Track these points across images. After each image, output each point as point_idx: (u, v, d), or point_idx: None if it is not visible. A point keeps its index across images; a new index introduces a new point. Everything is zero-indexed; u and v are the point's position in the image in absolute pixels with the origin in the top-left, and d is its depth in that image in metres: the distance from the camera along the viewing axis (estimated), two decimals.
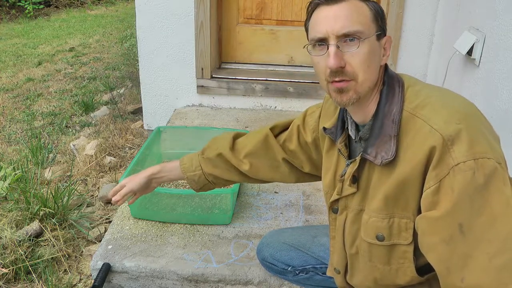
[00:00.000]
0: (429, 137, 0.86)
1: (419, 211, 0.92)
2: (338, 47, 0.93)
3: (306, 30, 1.02)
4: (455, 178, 0.83)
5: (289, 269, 1.36)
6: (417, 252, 0.97)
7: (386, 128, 0.94)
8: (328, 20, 0.93)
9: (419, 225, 0.91)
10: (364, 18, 0.94)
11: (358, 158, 1.00)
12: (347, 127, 1.07)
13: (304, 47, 1.01)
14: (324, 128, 1.13)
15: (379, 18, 0.97)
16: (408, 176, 0.90)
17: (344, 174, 1.05)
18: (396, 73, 1.02)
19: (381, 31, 0.97)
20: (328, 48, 0.93)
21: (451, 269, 0.86)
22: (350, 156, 1.07)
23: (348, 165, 1.04)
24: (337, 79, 0.94)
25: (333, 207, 1.11)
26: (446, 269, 0.86)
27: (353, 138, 1.05)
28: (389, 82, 0.98)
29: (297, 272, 1.36)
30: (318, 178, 1.30)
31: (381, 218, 0.97)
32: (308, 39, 1.00)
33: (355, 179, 1.02)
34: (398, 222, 0.95)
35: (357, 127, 1.05)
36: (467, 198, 0.83)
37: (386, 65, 1.02)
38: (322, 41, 0.95)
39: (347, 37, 0.92)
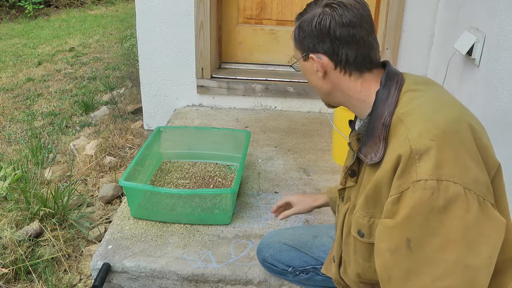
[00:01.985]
0: (402, 145, 0.86)
1: None
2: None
3: None
4: (413, 194, 0.82)
5: (289, 269, 1.36)
6: None
7: (377, 130, 0.96)
8: None
9: (377, 229, 0.92)
10: (292, 45, 1.09)
11: (355, 155, 1.04)
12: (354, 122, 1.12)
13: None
14: (350, 121, 1.17)
15: (300, 43, 1.05)
16: (381, 180, 0.91)
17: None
18: (399, 74, 1.01)
19: (305, 54, 1.05)
20: None
21: (392, 279, 0.87)
22: None
23: (352, 158, 1.08)
24: None
25: (341, 196, 1.14)
26: (388, 278, 0.88)
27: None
28: (386, 83, 0.98)
29: (297, 273, 1.36)
30: None
31: (362, 215, 0.99)
32: None
33: (354, 173, 1.05)
34: (377, 222, 0.96)
35: None
36: (421, 217, 0.82)
37: (386, 64, 1.03)
38: None
39: None
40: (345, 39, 0.98)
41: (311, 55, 1.03)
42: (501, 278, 0.92)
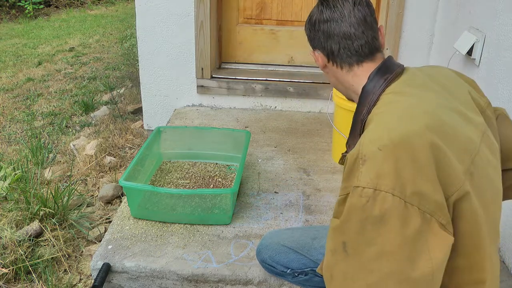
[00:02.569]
0: (355, 147, 0.87)
1: None
2: None
3: None
4: (352, 199, 0.83)
5: (288, 271, 1.36)
6: None
7: (357, 125, 1.02)
8: None
9: None
10: None
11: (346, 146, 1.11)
12: None
13: None
14: None
15: (308, 38, 1.14)
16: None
17: None
18: (394, 71, 1.01)
19: (312, 48, 1.14)
20: None
21: (333, 278, 0.88)
22: None
23: None
24: None
25: None
26: (330, 276, 0.89)
27: None
28: (373, 80, 1.02)
29: (296, 274, 1.36)
30: None
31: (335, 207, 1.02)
32: None
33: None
34: None
35: None
36: (356, 223, 0.82)
37: (387, 58, 1.05)
38: None
39: None
40: (327, 33, 1.05)
41: (312, 51, 1.12)
42: None
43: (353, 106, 1.97)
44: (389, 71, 1.01)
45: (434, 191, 0.82)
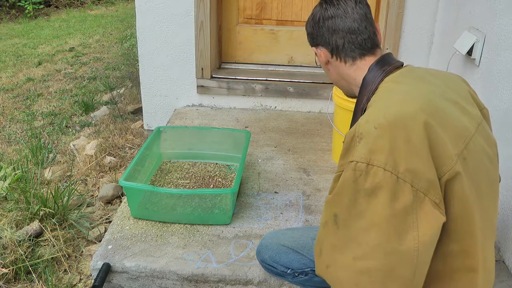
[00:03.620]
0: (352, 128, 0.92)
1: None
2: None
3: None
4: (345, 173, 0.87)
5: (288, 271, 1.36)
6: None
7: (357, 115, 1.05)
8: None
9: None
10: None
11: None
12: None
13: None
14: None
15: (309, 40, 1.20)
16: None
17: None
18: (392, 63, 1.07)
19: (314, 45, 1.18)
20: None
21: (322, 251, 0.92)
22: None
23: None
24: None
25: None
26: (320, 250, 0.93)
27: None
28: (372, 70, 1.07)
29: (296, 274, 1.36)
30: None
31: None
32: None
33: None
34: None
35: None
36: (348, 195, 0.86)
37: (386, 54, 1.09)
38: None
39: None
40: (332, 29, 1.11)
41: (314, 48, 1.17)
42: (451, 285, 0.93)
43: (353, 106, 1.97)
44: (387, 63, 1.07)
45: (428, 169, 0.85)
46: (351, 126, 1.07)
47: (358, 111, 1.05)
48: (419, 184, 0.84)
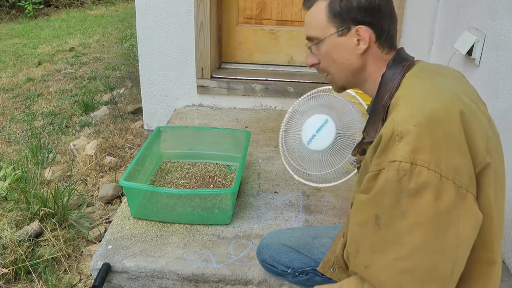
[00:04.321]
0: (386, 126, 0.89)
1: None
2: (310, 48, 1.10)
3: None
4: (387, 173, 0.85)
5: (289, 271, 1.36)
6: None
7: (378, 111, 1.01)
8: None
9: (353, 203, 0.97)
10: (319, 22, 1.06)
11: (362, 134, 1.09)
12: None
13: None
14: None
15: (338, 16, 1.03)
16: (367, 157, 0.96)
17: None
18: (410, 59, 1.05)
19: (344, 27, 1.03)
20: None
21: (359, 251, 0.91)
22: None
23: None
24: (322, 74, 1.13)
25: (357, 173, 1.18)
26: (356, 250, 0.92)
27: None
28: (391, 67, 1.03)
29: (297, 274, 1.36)
30: None
31: (354, 190, 1.04)
32: None
33: (363, 151, 1.09)
34: None
35: None
36: (391, 196, 0.85)
37: (400, 49, 1.07)
38: None
39: (311, 40, 1.09)
40: (388, 13, 1.05)
41: (359, 27, 1.02)
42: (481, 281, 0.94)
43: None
44: (405, 59, 1.05)
45: (467, 164, 0.86)
46: (369, 123, 1.04)
47: (379, 108, 1.01)
48: (461, 180, 0.84)
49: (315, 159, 1.67)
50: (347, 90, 1.55)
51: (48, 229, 1.97)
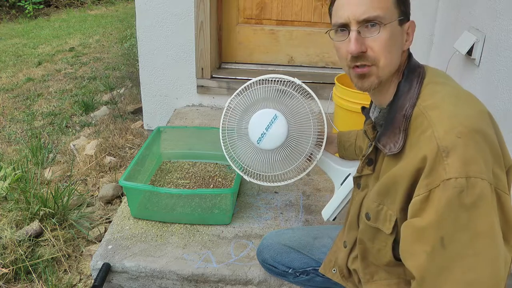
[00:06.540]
0: (428, 142, 0.86)
1: (402, 210, 0.94)
2: (359, 32, 0.94)
3: (330, 15, 1.04)
4: (445, 193, 0.83)
5: (289, 271, 1.36)
6: (396, 245, 1.00)
7: (397, 121, 0.96)
8: (350, 6, 0.94)
9: (403, 232, 0.91)
10: (386, 3, 0.94)
11: (373, 144, 1.04)
12: (369, 110, 1.11)
13: (326, 32, 1.03)
14: (363, 108, 1.16)
15: (402, 3, 0.97)
16: (401, 173, 0.91)
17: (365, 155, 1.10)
18: (421, 66, 1.02)
19: (404, 16, 0.97)
20: (349, 34, 0.95)
21: (426, 279, 0.87)
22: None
23: (369, 147, 1.08)
24: (358, 63, 0.96)
25: (357, 183, 1.15)
26: (422, 278, 0.88)
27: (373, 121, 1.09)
28: (408, 75, 0.99)
29: (297, 274, 1.36)
30: None
31: (373, 200, 1.01)
32: (331, 24, 1.02)
33: (371, 162, 1.07)
34: (385, 210, 0.98)
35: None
36: (452, 214, 0.83)
37: (410, 54, 1.03)
38: (344, 27, 0.96)
39: (368, 23, 0.93)
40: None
41: (412, 21, 0.99)
42: None
43: (352, 106, 1.97)
44: (417, 66, 1.01)
45: (502, 168, 0.87)
46: (386, 133, 0.98)
47: (399, 117, 0.95)
48: (502, 185, 0.85)
49: (269, 158, 1.46)
50: (294, 79, 1.45)
51: (48, 229, 1.97)
